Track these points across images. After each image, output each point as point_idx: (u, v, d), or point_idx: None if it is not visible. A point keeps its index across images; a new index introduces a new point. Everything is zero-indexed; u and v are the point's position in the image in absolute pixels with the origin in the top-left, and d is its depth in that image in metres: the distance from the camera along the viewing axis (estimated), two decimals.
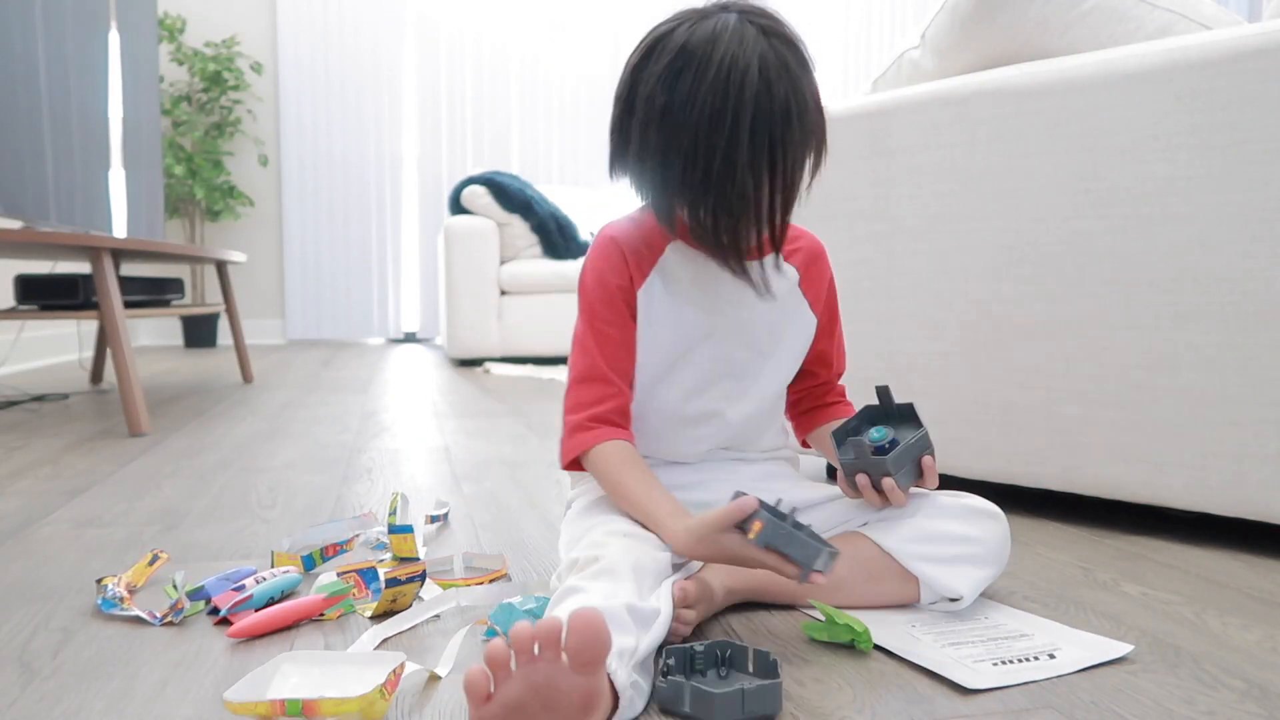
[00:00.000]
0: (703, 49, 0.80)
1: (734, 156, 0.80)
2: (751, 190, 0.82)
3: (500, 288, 3.79)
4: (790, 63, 0.82)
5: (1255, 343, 1.07)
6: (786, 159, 0.82)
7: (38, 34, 2.24)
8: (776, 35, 0.83)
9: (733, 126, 0.79)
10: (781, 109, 0.81)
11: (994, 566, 0.90)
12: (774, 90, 0.80)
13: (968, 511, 0.90)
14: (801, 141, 0.83)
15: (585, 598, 0.70)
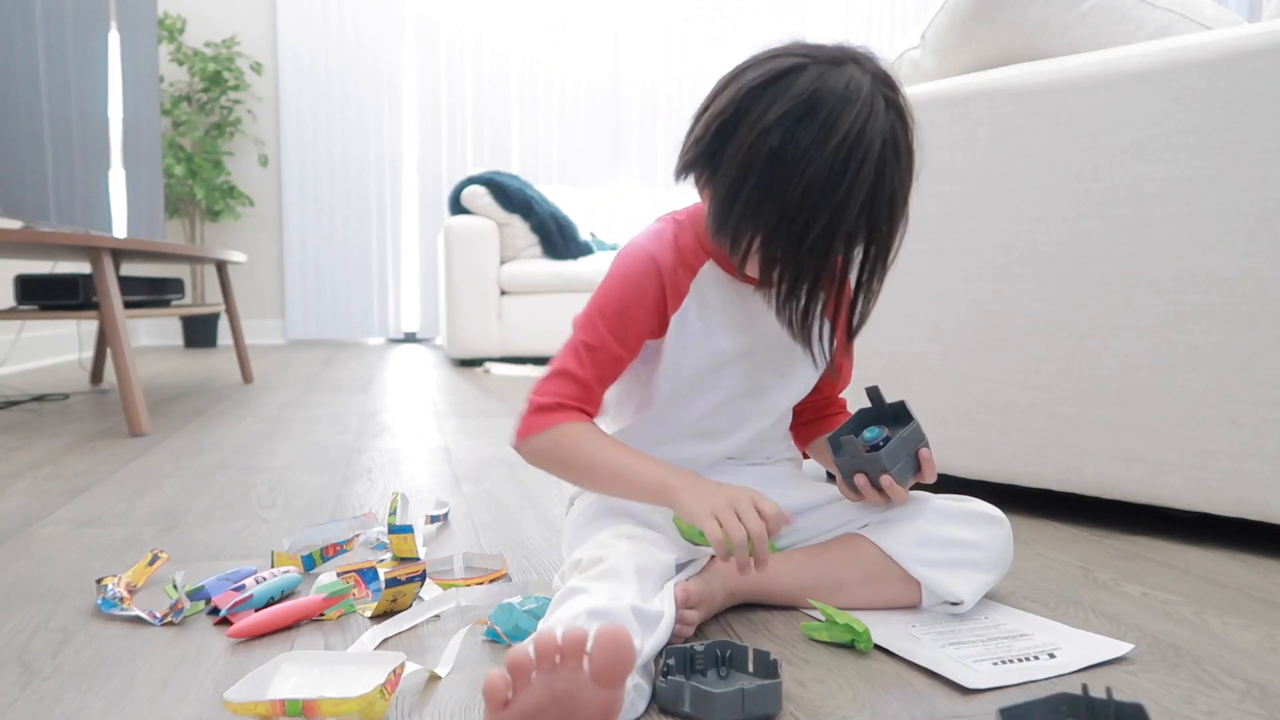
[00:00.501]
0: (832, 104, 0.74)
1: (834, 230, 0.76)
2: (838, 270, 0.79)
3: (500, 288, 3.79)
4: (904, 147, 0.78)
5: (1255, 343, 1.07)
6: (878, 245, 0.79)
7: (38, 34, 2.24)
8: (898, 112, 0.79)
9: (843, 200, 0.75)
10: (889, 196, 0.77)
11: (996, 571, 0.90)
12: (888, 174, 0.76)
13: (971, 516, 0.90)
14: (895, 230, 0.80)
15: (589, 598, 0.70)
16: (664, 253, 0.89)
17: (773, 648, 0.80)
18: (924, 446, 0.89)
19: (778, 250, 0.77)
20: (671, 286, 0.88)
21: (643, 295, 0.88)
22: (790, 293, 0.80)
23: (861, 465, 0.89)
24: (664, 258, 0.89)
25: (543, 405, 0.88)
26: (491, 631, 0.82)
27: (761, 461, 1.01)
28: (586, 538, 0.87)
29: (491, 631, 0.82)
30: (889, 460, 0.87)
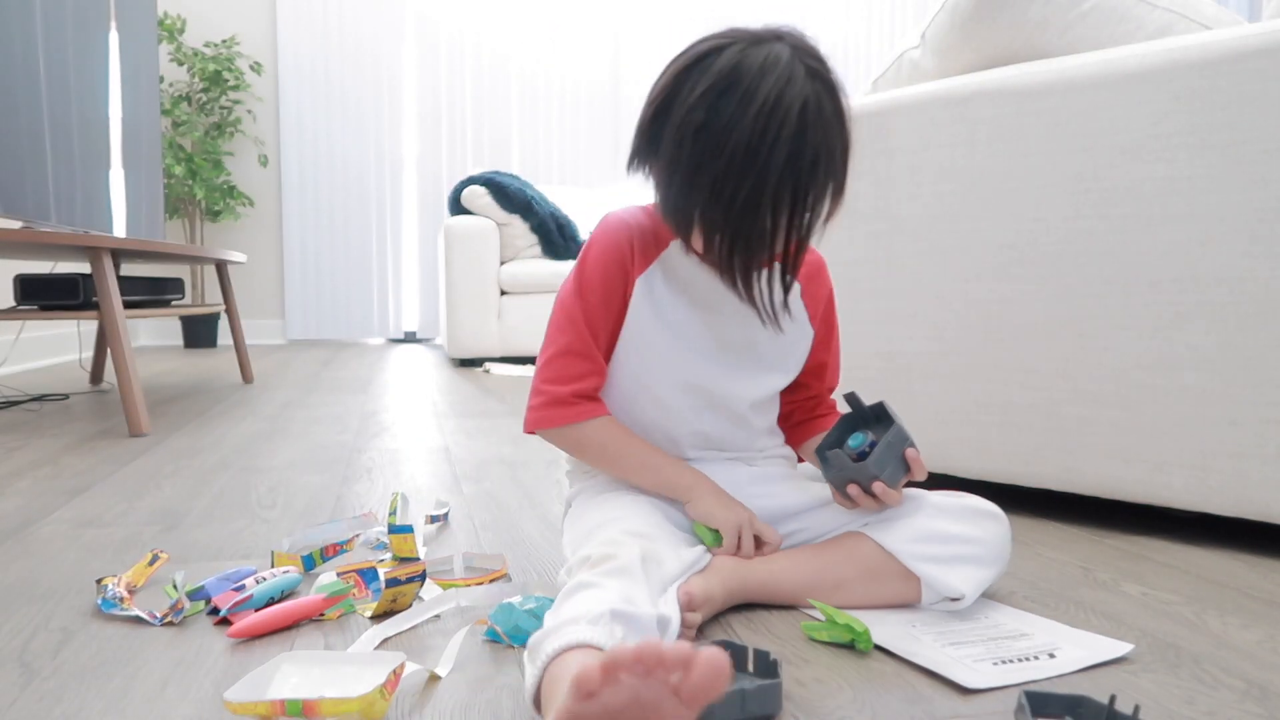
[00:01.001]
0: (751, 76, 0.79)
1: (759, 193, 0.80)
2: (769, 229, 0.82)
3: (500, 288, 3.79)
4: (828, 111, 0.82)
5: (1255, 343, 1.07)
6: (806, 205, 0.82)
7: (38, 34, 2.24)
8: (822, 80, 0.82)
9: (765, 163, 0.79)
10: (811, 157, 0.80)
11: (995, 567, 0.90)
12: (809, 136, 0.80)
13: (969, 512, 0.91)
14: (823, 190, 0.83)
15: (600, 593, 0.70)
16: (634, 218, 0.94)
17: (773, 648, 0.80)
18: (910, 447, 0.89)
19: (713, 218, 0.82)
20: (640, 248, 0.92)
21: (614, 251, 0.92)
22: (729, 256, 0.84)
23: (852, 475, 0.89)
24: (633, 220, 0.93)
25: (559, 398, 0.92)
26: (491, 631, 0.82)
27: (755, 458, 1.01)
28: (591, 530, 0.87)
29: (491, 631, 0.82)
30: (877, 468, 0.87)
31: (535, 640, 0.66)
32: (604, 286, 0.92)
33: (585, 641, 0.63)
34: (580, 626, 0.64)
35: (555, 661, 0.63)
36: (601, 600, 0.68)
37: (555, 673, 0.62)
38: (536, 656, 0.64)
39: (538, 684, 0.64)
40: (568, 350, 0.92)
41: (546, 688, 0.63)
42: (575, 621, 0.65)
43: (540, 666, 0.63)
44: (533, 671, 0.64)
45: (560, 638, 0.64)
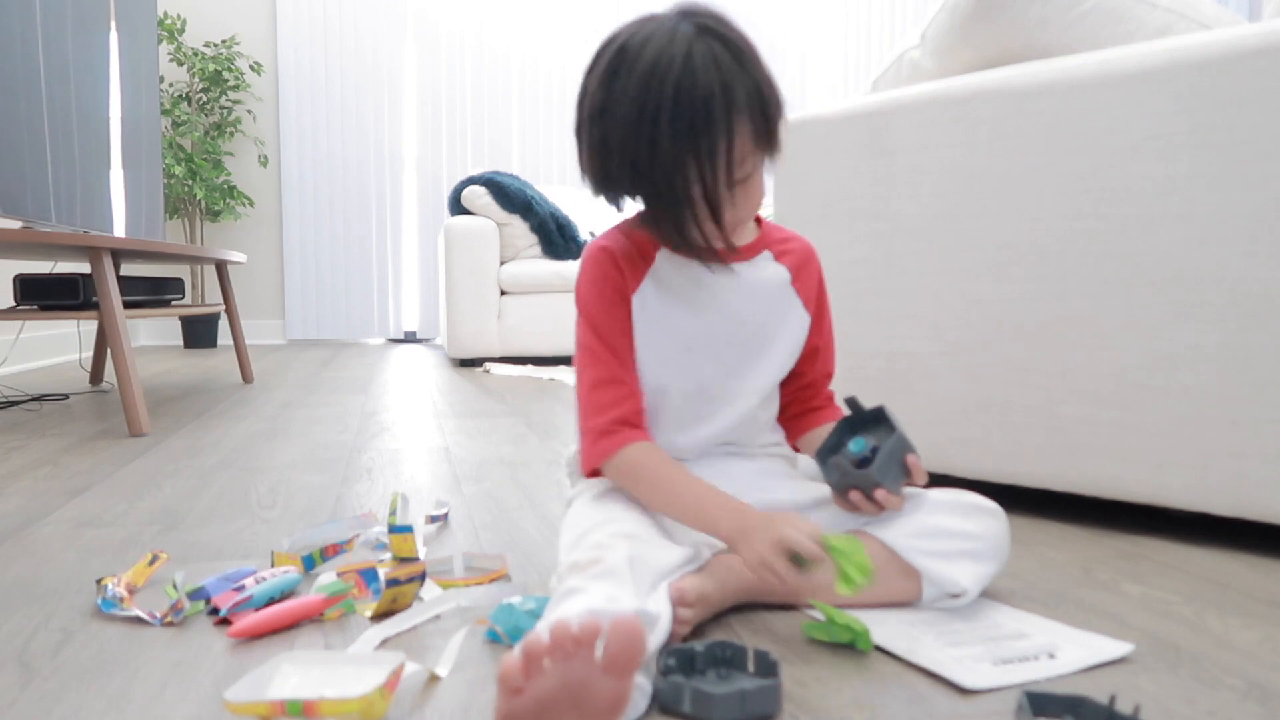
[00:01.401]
0: (635, 49, 0.83)
1: (657, 148, 0.82)
2: (680, 182, 0.83)
3: (500, 288, 3.79)
4: (720, 56, 0.83)
5: (1255, 343, 1.07)
6: (709, 150, 0.83)
7: (38, 34, 2.24)
8: (713, 32, 0.84)
9: (653, 118, 0.81)
10: (703, 99, 0.81)
11: (995, 562, 0.91)
12: (698, 81, 0.81)
13: (968, 508, 0.91)
14: (725, 132, 0.83)
15: (586, 599, 0.70)
16: (615, 241, 0.95)
17: (773, 648, 0.80)
18: (911, 453, 0.89)
19: (632, 187, 0.86)
20: (628, 267, 0.94)
21: (607, 281, 0.94)
22: (660, 219, 0.87)
23: (854, 482, 0.89)
24: (615, 244, 0.95)
25: (601, 430, 0.91)
26: (492, 632, 0.82)
27: (756, 453, 1.01)
28: (583, 534, 0.87)
29: (492, 632, 0.82)
30: (880, 475, 0.87)
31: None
32: (608, 314, 0.94)
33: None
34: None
35: None
36: (586, 605, 0.69)
37: None
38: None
39: None
40: (596, 383, 0.93)
41: None
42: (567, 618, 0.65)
43: None
44: None
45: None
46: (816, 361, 1.04)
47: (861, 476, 0.88)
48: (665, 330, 0.94)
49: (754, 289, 0.96)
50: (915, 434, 1.37)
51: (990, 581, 0.91)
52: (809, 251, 1.02)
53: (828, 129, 1.47)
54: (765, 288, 0.97)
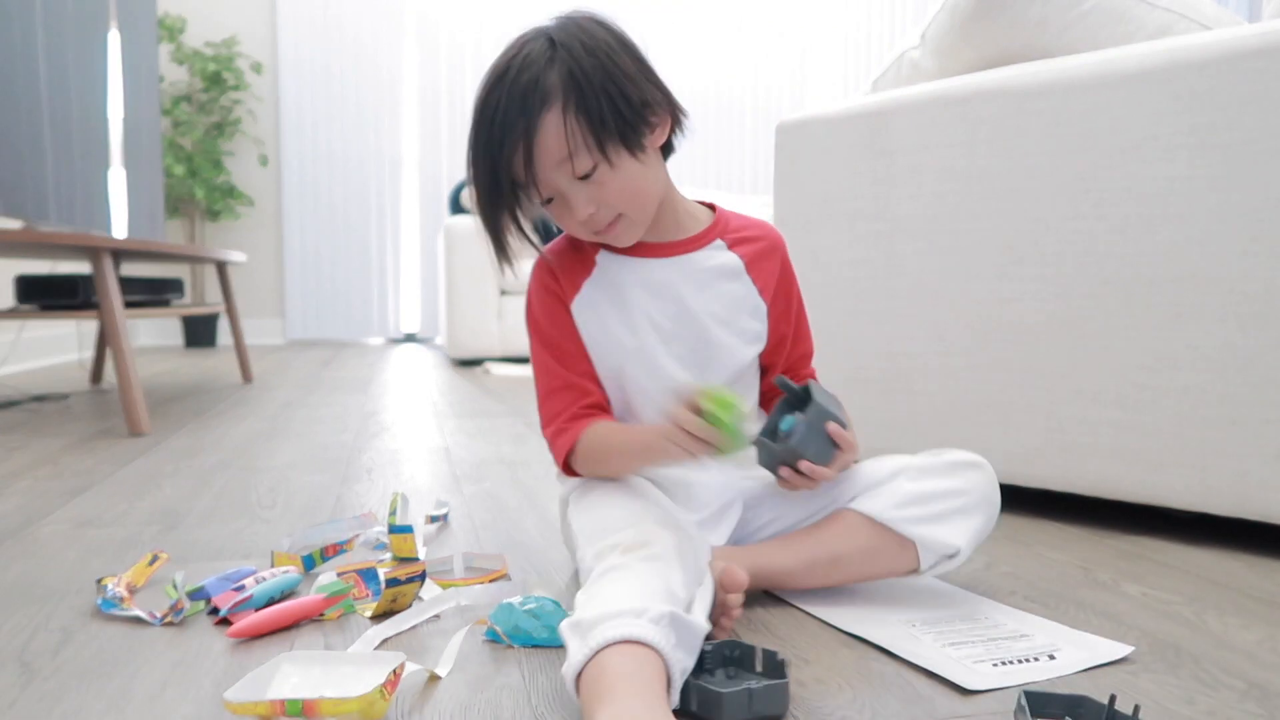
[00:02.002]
0: (496, 60, 0.88)
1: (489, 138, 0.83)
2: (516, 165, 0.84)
3: (500, 288, 3.79)
4: (537, 55, 0.85)
5: (1255, 343, 1.07)
6: (506, 162, 0.84)
7: (38, 34, 2.24)
8: (567, 29, 0.87)
9: (491, 111, 0.83)
10: (535, 90, 0.82)
11: (985, 513, 0.91)
12: (503, 89, 0.83)
13: (950, 466, 0.91)
14: (521, 138, 0.83)
15: (629, 574, 0.70)
16: (555, 251, 0.97)
17: (773, 648, 0.80)
18: (832, 422, 0.87)
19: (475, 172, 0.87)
20: (565, 278, 0.95)
21: (545, 293, 0.96)
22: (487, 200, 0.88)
23: (781, 458, 0.87)
24: (554, 255, 0.96)
25: (556, 431, 0.93)
26: (491, 632, 0.82)
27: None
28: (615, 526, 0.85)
29: (491, 632, 0.82)
30: (802, 447, 0.86)
31: (589, 620, 0.65)
32: (552, 324, 0.95)
33: (644, 639, 0.63)
34: (643, 623, 0.64)
35: (609, 650, 0.63)
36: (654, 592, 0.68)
37: (606, 664, 0.62)
38: (589, 637, 0.64)
39: (584, 665, 0.63)
40: (547, 393, 0.95)
41: (593, 672, 0.62)
42: (638, 615, 0.64)
43: (592, 649, 0.63)
44: (582, 649, 0.63)
45: (619, 627, 0.63)
46: (786, 350, 1.01)
47: (785, 451, 0.87)
48: (611, 332, 0.94)
49: (703, 279, 0.94)
50: (915, 434, 1.37)
51: (984, 535, 0.91)
52: (770, 238, 0.99)
53: (828, 129, 1.47)
54: (716, 276, 0.95)
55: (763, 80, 5.77)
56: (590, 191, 0.85)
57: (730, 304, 0.95)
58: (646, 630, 0.64)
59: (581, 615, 0.66)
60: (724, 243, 0.96)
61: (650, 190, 0.89)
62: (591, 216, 0.86)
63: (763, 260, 0.97)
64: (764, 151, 5.70)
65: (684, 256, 0.94)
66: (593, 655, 0.63)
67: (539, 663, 0.78)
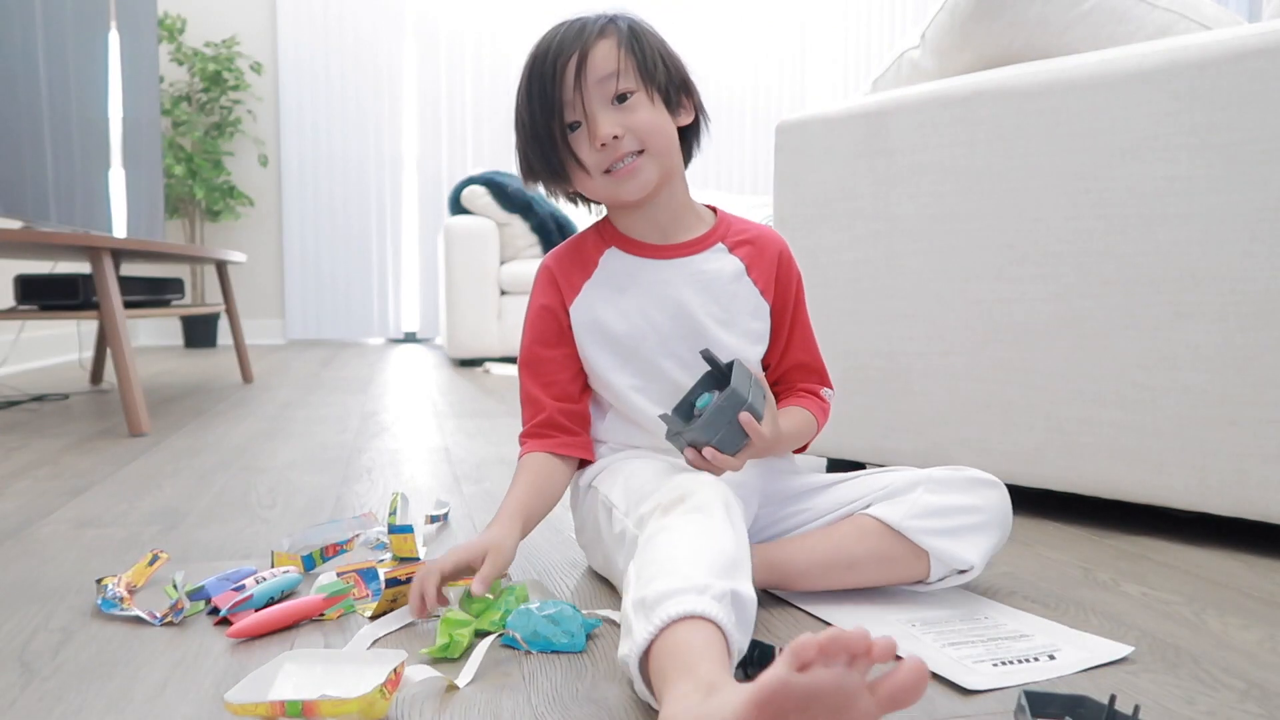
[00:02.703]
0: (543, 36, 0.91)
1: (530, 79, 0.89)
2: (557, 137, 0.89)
3: (500, 288, 3.79)
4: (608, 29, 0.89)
5: (1255, 343, 1.07)
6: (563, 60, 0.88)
7: (38, 34, 2.24)
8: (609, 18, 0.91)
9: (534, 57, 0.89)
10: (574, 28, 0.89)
11: (999, 532, 0.92)
12: (574, 25, 0.89)
13: (968, 483, 0.92)
14: (580, 44, 0.88)
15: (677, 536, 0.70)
16: (558, 255, 1.00)
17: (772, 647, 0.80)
18: (745, 410, 0.84)
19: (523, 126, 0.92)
20: (564, 281, 0.98)
21: (541, 297, 1.00)
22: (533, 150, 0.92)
23: (690, 439, 0.85)
24: (555, 259, 1.00)
25: (521, 438, 1.02)
26: (509, 638, 0.82)
27: None
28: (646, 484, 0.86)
29: (509, 638, 0.82)
30: (706, 433, 0.84)
31: (651, 599, 0.64)
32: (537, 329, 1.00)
33: (709, 615, 0.62)
34: (707, 600, 0.63)
35: (676, 626, 0.62)
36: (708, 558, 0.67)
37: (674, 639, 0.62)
38: (653, 614, 0.63)
39: (650, 642, 0.63)
40: (522, 400, 1.03)
41: (663, 649, 0.62)
42: (701, 592, 0.64)
43: (657, 626, 0.62)
44: (646, 627, 0.63)
45: (684, 603, 0.63)
46: (790, 354, 1.01)
47: (690, 432, 0.85)
48: (607, 334, 0.96)
49: (704, 281, 0.96)
50: (915, 434, 1.37)
51: (995, 551, 0.92)
52: (773, 242, 1.00)
53: (828, 129, 1.47)
54: (716, 279, 0.96)
55: (763, 80, 5.77)
56: (621, 116, 0.89)
57: (731, 305, 0.96)
58: (711, 607, 0.63)
59: (643, 593, 0.65)
60: (725, 246, 0.98)
61: (674, 144, 0.94)
62: (615, 141, 0.89)
63: (763, 261, 0.99)
64: (764, 151, 5.70)
65: (686, 259, 0.96)
66: (659, 631, 0.62)
67: (539, 663, 0.78)
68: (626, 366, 0.95)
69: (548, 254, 1.01)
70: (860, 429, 1.45)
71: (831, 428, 1.47)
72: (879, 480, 0.95)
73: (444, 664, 0.78)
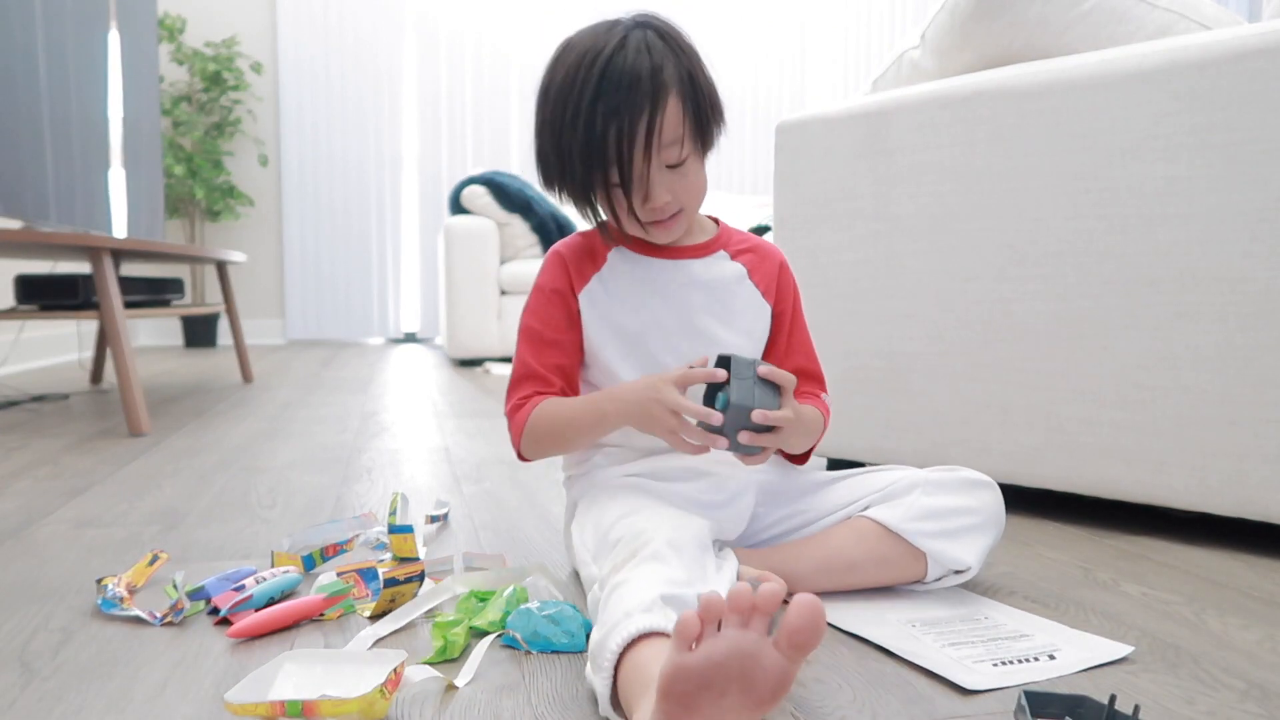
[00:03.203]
0: (573, 42, 0.88)
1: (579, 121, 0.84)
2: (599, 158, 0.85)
3: (500, 288, 3.79)
4: (654, 43, 0.86)
5: (1255, 343, 1.07)
6: (630, 124, 0.84)
7: (38, 34, 2.24)
8: (653, 27, 0.88)
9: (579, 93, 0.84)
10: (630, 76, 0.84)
11: (994, 532, 0.93)
12: (627, 60, 0.84)
13: (964, 484, 0.93)
14: (649, 109, 0.84)
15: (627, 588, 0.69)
16: (569, 244, 0.99)
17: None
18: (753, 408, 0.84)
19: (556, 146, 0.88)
20: (575, 269, 0.97)
21: (550, 280, 0.98)
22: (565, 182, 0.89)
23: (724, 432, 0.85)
24: (567, 247, 0.99)
25: (510, 410, 0.97)
26: (509, 639, 0.82)
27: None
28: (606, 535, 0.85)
29: (509, 639, 0.82)
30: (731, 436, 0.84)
31: (594, 649, 0.66)
32: (543, 311, 0.97)
33: (646, 629, 0.63)
34: (635, 617, 0.64)
35: (624, 660, 0.63)
36: (645, 589, 0.68)
37: (629, 670, 0.62)
38: (601, 662, 0.64)
39: (611, 687, 0.63)
40: (516, 379, 0.98)
41: (624, 686, 0.62)
42: (628, 615, 0.64)
43: (609, 669, 0.63)
44: (602, 679, 0.64)
45: (620, 633, 0.63)
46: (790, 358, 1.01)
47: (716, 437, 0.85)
48: (615, 325, 0.96)
49: (707, 283, 0.97)
50: (915, 434, 1.37)
51: (990, 550, 0.93)
52: (773, 253, 1.02)
53: (828, 129, 1.47)
54: (719, 282, 0.98)
55: (763, 80, 5.77)
56: (671, 181, 0.88)
57: (733, 305, 0.98)
58: (640, 621, 0.63)
59: (590, 648, 0.67)
60: (727, 253, 1.00)
61: (705, 192, 0.94)
62: (665, 205, 0.89)
63: (763, 266, 1.01)
64: (764, 151, 5.70)
65: (690, 261, 0.98)
66: (613, 675, 0.63)
67: (539, 663, 0.78)
68: (630, 358, 0.96)
69: (558, 242, 1.01)
70: (860, 429, 1.45)
71: (832, 428, 1.47)
72: (875, 481, 0.96)
73: (444, 664, 0.78)
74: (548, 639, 0.80)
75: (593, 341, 0.97)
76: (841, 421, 1.45)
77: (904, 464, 1.40)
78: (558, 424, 0.93)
